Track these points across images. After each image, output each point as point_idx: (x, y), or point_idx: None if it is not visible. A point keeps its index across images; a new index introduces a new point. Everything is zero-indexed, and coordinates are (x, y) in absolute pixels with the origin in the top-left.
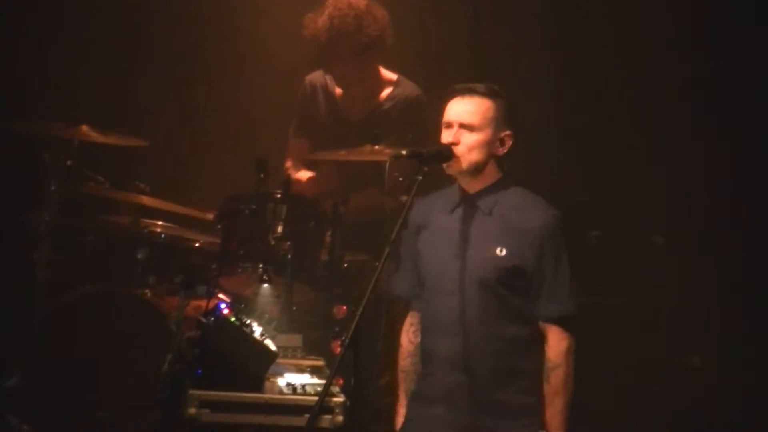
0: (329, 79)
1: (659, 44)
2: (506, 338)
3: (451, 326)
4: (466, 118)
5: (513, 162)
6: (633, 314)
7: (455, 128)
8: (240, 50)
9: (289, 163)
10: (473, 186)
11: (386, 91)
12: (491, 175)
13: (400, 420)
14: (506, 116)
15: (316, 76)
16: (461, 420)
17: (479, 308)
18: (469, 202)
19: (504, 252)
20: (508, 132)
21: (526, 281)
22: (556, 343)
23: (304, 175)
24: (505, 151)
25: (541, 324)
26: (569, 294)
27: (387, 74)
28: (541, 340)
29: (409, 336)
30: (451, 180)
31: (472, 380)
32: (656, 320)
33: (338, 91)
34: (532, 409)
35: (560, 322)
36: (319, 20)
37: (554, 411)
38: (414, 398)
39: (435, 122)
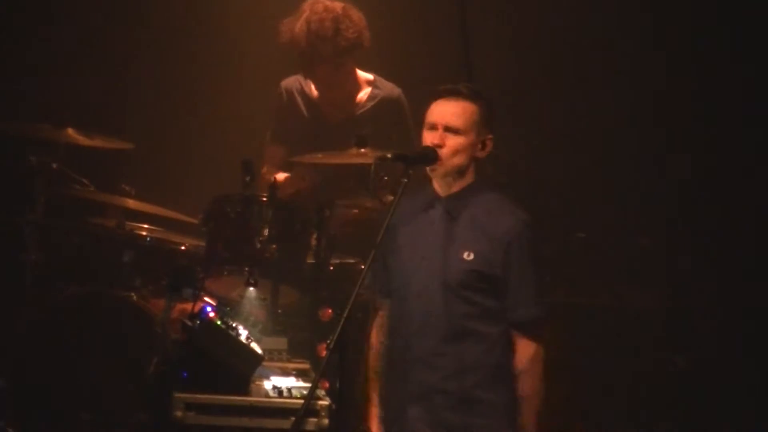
0: (306, 84)
1: (647, 43)
2: (477, 338)
3: (420, 327)
4: (451, 121)
5: (495, 164)
6: (618, 316)
7: (440, 130)
8: (226, 54)
9: (264, 170)
10: (448, 189)
11: (364, 92)
12: (468, 177)
13: (374, 422)
14: (489, 119)
15: (292, 82)
16: (438, 419)
17: (447, 310)
18: (440, 205)
19: (471, 256)
20: (489, 135)
21: (493, 285)
22: (521, 349)
23: (280, 176)
24: (486, 154)
25: (510, 329)
26: (534, 299)
27: (363, 75)
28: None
29: (379, 337)
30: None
31: (445, 379)
32: (642, 322)
33: (316, 94)
34: (507, 406)
35: (525, 327)
36: (297, 25)
37: (525, 416)
38: (389, 400)
39: (415, 121)
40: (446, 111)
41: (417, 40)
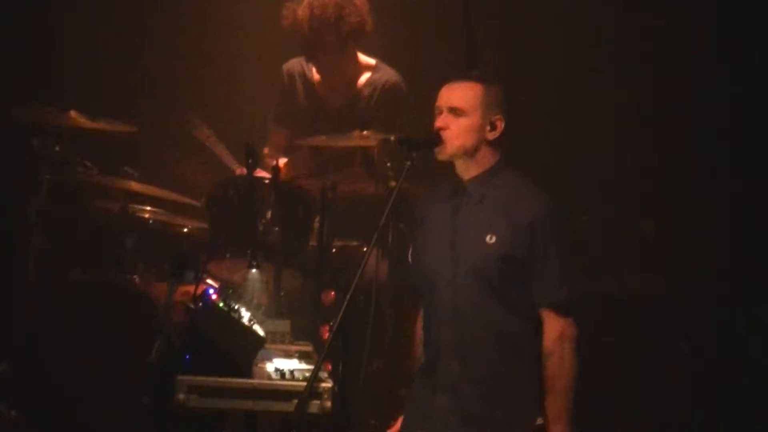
0: (308, 67)
1: (649, 32)
2: (504, 327)
3: (448, 316)
4: (453, 103)
5: (504, 148)
6: (621, 300)
7: (444, 113)
8: (228, 36)
9: (266, 151)
10: (467, 172)
11: (365, 77)
12: (486, 160)
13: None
14: (499, 101)
15: (293, 65)
16: (463, 409)
17: (474, 297)
18: (462, 190)
19: (493, 239)
20: (498, 116)
21: (517, 268)
22: (550, 330)
23: (280, 161)
24: (497, 135)
25: (537, 311)
26: (561, 280)
27: (365, 60)
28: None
29: (421, 326)
30: (449, 166)
31: (472, 370)
32: (645, 307)
33: (317, 78)
34: (533, 399)
35: (553, 307)
36: (299, 10)
37: (551, 400)
38: (417, 387)
39: (417, 109)
40: (450, 93)
41: (419, 26)
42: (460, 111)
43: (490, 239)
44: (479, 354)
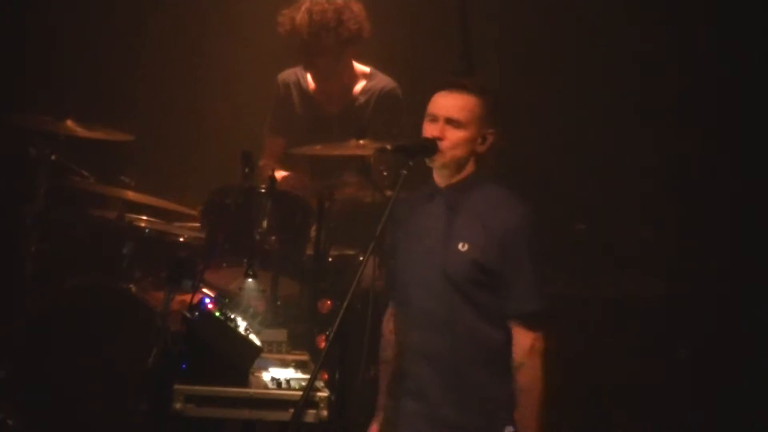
0: (303, 77)
1: (650, 40)
2: (475, 334)
3: (420, 320)
4: (453, 114)
5: (499, 156)
6: (620, 307)
7: (441, 122)
8: (224, 44)
9: (262, 162)
10: (446, 180)
11: (360, 84)
12: (466, 170)
13: (378, 410)
14: (491, 113)
15: (289, 75)
16: (436, 414)
17: (445, 303)
18: (441, 197)
19: (466, 247)
20: (491, 130)
21: (490, 278)
22: (519, 341)
23: (278, 174)
24: (486, 148)
25: (508, 323)
26: (533, 292)
27: (360, 67)
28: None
29: (389, 326)
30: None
31: (441, 375)
32: (643, 313)
33: (312, 87)
34: (507, 403)
35: (523, 319)
36: (297, 16)
37: (522, 411)
38: (390, 392)
39: (413, 115)
40: (448, 103)
41: (416, 33)
42: (458, 123)
43: (463, 247)
44: (449, 359)
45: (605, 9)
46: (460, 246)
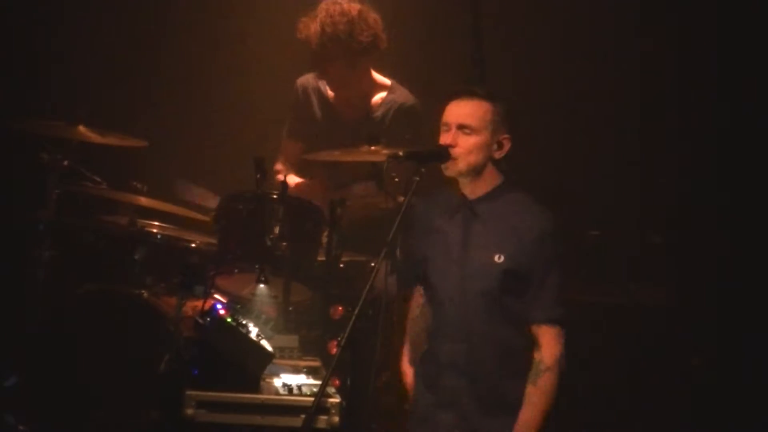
0: (322, 82)
1: (661, 44)
2: (508, 343)
3: (453, 332)
4: (464, 120)
5: (513, 163)
6: (631, 314)
7: (453, 130)
8: (238, 51)
9: (279, 166)
10: (473, 191)
11: (379, 96)
12: (491, 179)
13: (408, 375)
14: (506, 120)
15: (308, 79)
16: (469, 424)
17: (480, 314)
18: (468, 208)
19: (502, 258)
20: (506, 135)
21: (520, 283)
22: (548, 346)
23: (293, 180)
24: (503, 154)
25: (533, 327)
26: (559, 297)
27: (380, 79)
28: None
29: (417, 302)
30: (450, 181)
31: (476, 385)
32: (655, 320)
33: (331, 93)
34: None
35: (552, 324)
36: (312, 27)
37: (533, 411)
38: (421, 403)
39: (430, 129)
40: (459, 110)
41: (430, 43)
42: (470, 129)
43: (499, 258)
44: (484, 370)
45: (618, 14)
46: (496, 258)
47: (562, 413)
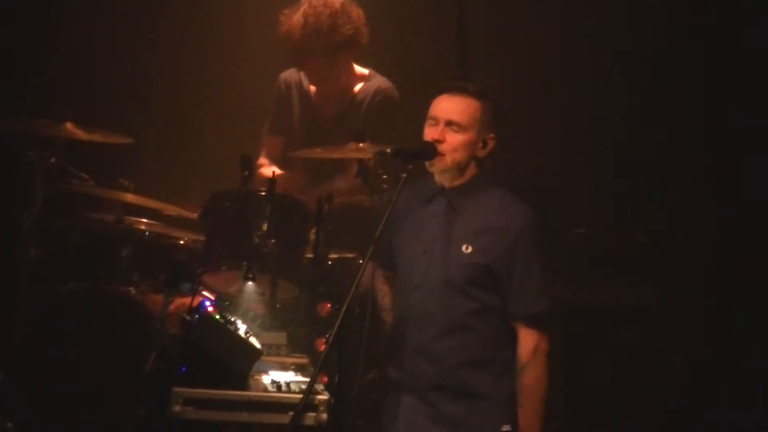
0: (303, 77)
1: (647, 43)
2: (476, 333)
3: (419, 321)
4: (453, 117)
5: (498, 161)
6: (616, 312)
7: (441, 125)
8: (224, 48)
9: (262, 160)
10: (450, 181)
11: (358, 86)
12: (469, 173)
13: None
14: (492, 119)
15: (290, 74)
16: (435, 411)
17: (445, 304)
18: (443, 198)
19: (470, 249)
20: (491, 134)
21: (493, 279)
22: (525, 342)
23: (270, 171)
24: (487, 153)
25: (513, 324)
26: (539, 293)
27: (359, 70)
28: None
29: (385, 288)
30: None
31: (440, 372)
32: (639, 319)
33: (312, 88)
34: (507, 402)
35: (528, 321)
36: (294, 18)
37: (526, 411)
38: (389, 387)
39: (410, 120)
40: (449, 106)
41: (415, 39)
42: (459, 126)
43: (467, 249)
44: (447, 359)
45: (603, 13)
46: (463, 248)
47: (547, 413)
